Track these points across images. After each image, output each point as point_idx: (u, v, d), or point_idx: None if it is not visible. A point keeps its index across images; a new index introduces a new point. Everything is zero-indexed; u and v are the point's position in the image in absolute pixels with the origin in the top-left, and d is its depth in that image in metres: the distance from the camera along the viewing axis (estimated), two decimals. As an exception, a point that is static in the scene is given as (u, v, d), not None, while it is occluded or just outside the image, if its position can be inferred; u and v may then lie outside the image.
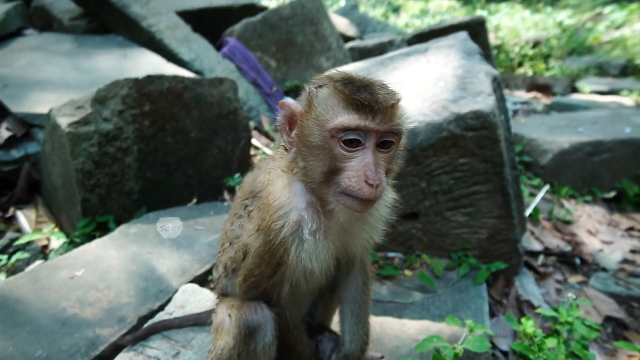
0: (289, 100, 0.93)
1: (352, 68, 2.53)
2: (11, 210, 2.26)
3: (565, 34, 8.60)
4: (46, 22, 3.81)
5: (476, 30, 5.03)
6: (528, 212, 2.62)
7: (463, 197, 1.78)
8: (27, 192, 2.39)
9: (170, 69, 3.16)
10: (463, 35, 2.42)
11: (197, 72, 3.58)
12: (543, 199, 2.96)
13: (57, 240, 1.97)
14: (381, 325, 1.60)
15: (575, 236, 2.63)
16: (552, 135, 3.25)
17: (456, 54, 2.03)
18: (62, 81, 2.77)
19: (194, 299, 1.34)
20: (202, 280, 1.76)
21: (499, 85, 1.83)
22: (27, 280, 1.46)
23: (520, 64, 7.88)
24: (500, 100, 1.86)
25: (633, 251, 2.52)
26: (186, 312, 1.30)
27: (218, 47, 4.13)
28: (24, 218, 2.13)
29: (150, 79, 2.14)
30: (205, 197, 2.51)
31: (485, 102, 1.59)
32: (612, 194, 2.97)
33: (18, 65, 2.94)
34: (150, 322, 1.27)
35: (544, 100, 6.43)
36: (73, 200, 2.02)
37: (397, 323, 1.61)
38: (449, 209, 1.83)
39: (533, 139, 3.28)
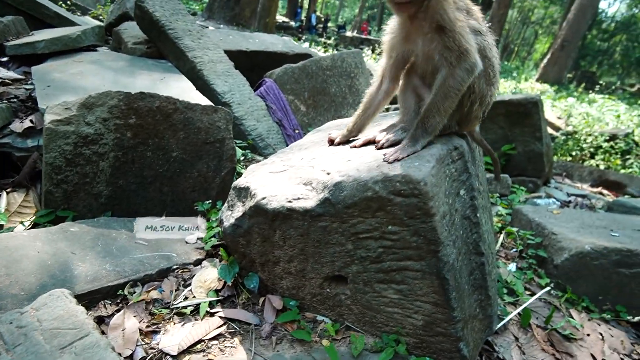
0: None
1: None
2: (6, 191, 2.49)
3: (652, 132, 7.72)
4: (118, 44, 4.39)
5: (528, 110, 4.75)
6: (512, 314, 2.23)
7: (394, 270, 1.56)
8: (27, 179, 2.63)
9: (193, 95, 3.38)
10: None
11: (224, 103, 3.80)
12: (550, 305, 2.51)
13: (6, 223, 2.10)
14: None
15: (571, 357, 2.15)
16: (577, 233, 2.81)
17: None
18: (95, 90, 3.09)
19: (51, 305, 1.30)
20: (110, 292, 1.72)
21: (460, 156, 1.64)
22: (-60, 249, 1.56)
23: (592, 156, 7.17)
24: (462, 172, 1.66)
25: (642, 396, 1.98)
26: (39, 315, 1.26)
27: (258, 86, 4.38)
28: (5, 199, 2.32)
29: (142, 95, 2.29)
30: (177, 217, 2.54)
31: (420, 167, 1.42)
32: (638, 319, 2.42)
33: (70, 72, 3.37)
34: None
35: (610, 198, 5.68)
36: (43, 191, 2.16)
37: (276, 395, 1.41)
38: (380, 281, 1.61)
39: (554, 234, 2.86)
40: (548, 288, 2.49)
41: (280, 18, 21.31)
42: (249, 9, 15.88)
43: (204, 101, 3.34)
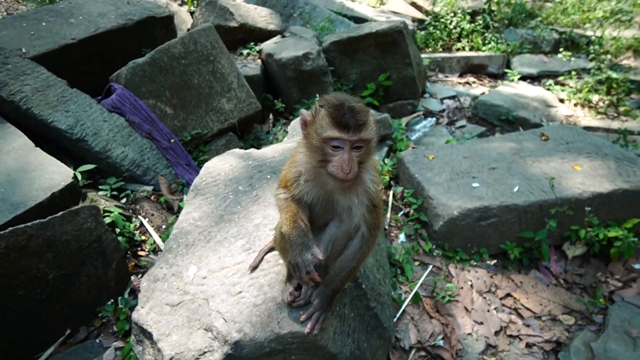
0: (305, 111, 1.44)
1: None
2: None
3: None
4: None
5: (395, 39, 4.79)
6: (407, 300, 2.75)
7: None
8: None
9: (36, 158, 2.87)
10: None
11: (78, 139, 3.29)
12: (435, 267, 3.09)
13: None
14: None
15: (451, 318, 2.80)
16: (447, 194, 3.28)
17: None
18: None
19: None
20: None
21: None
22: None
23: (459, 39, 7.60)
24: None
25: (497, 332, 2.73)
26: None
27: (105, 95, 3.73)
28: None
29: (-19, 246, 1.96)
30: (84, 324, 2.48)
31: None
32: (494, 261, 3.13)
33: None
34: None
35: (475, 89, 6.34)
36: None
37: None
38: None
39: (431, 198, 3.31)
40: (426, 273, 3.01)
41: None
42: None
43: (53, 163, 2.88)
